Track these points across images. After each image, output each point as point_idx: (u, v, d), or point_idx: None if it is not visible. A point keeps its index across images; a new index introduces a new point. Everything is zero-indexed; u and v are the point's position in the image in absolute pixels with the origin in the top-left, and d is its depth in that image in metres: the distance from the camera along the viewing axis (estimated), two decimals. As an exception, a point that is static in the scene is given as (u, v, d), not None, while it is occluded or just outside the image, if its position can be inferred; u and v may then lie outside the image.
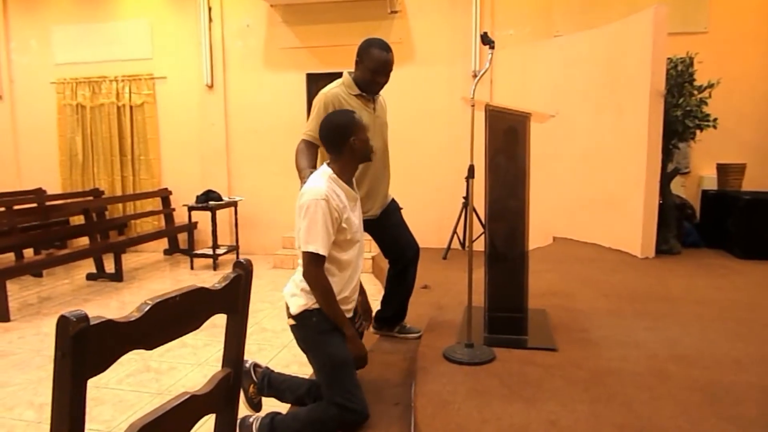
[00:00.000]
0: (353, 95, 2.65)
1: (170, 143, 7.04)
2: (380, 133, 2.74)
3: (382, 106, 2.82)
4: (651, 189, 4.21)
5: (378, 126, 2.72)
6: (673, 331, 2.62)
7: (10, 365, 3.44)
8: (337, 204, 2.04)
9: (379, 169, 2.75)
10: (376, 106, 2.75)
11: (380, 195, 2.79)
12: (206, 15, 6.65)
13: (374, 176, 2.73)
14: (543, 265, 3.94)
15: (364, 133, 2.13)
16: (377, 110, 2.75)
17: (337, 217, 2.04)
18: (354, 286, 2.23)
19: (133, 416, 2.73)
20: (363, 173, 2.64)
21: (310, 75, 6.42)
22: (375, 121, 2.69)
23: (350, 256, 2.15)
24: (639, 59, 4.21)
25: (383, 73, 2.63)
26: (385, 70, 2.62)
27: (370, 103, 2.71)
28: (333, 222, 2.03)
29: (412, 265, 2.86)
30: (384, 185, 2.82)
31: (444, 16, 6.04)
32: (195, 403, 0.96)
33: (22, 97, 7.41)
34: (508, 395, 1.93)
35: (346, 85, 2.66)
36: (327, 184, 2.06)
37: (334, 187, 2.08)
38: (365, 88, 2.66)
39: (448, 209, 5.82)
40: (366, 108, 2.67)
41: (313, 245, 2.00)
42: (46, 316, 4.47)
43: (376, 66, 2.60)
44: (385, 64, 2.61)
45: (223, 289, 1.00)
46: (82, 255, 5.50)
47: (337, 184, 2.11)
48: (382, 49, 2.60)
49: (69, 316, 0.69)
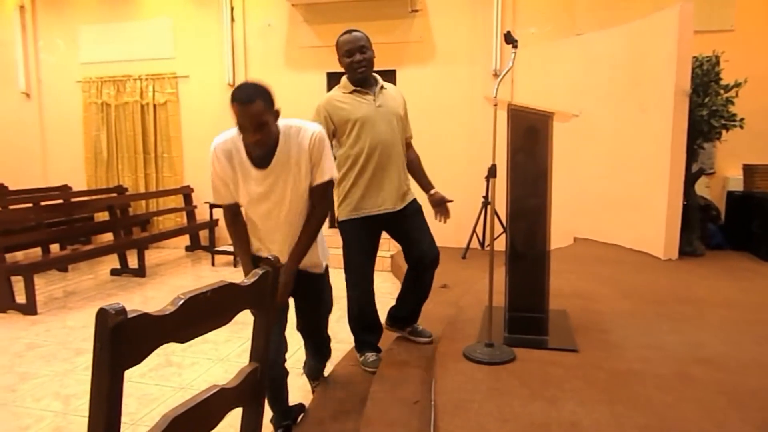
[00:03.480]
0: (347, 93, 2.62)
1: (192, 141, 7.14)
2: (384, 123, 2.61)
3: (389, 96, 2.69)
4: (675, 190, 4.15)
5: (381, 115, 2.60)
6: (697, 333, 2.58)
7: (37, 357, 3.53)
8: (220, 161, 1.99)
9: (385, 160, 2.61)
10: (378, 96, 2.64)
11: (390, 188, 2.63)
12: (228, 14, 6.73)
13: (379, 167, 2.61)
14: (564, 265, 3.91)
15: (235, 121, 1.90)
16: (380, 100, 2.64)
17: (221, 173, 2.01)
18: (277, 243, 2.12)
19: (157, 409, 2.79)
20: (365, 163, 2.59)
21: (330, 74, 6.46)
22: (377, 111, 2.60)
23: (256, 214, 2.09)
24: (664, 58, 4.16)
25: (355, 51, 2.55)
26: (353, 47, 2.55)
27: (368, 95, 2.62)
28: (219, 177, 2.02)
29: (429, 271, 2.74)
30: (393, 178, 2.64)
31: (465, 15, 6.03)
32: (224, 396, 0.98)
33: (49, 96, 7.57)
34: (528, 395, 1.93)
35: (342, 86, 2.66)
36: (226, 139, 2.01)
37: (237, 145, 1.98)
38: (354, 80, 2.61)
39: (467, 208, 5.81)
40: (363, 101, 2.60)
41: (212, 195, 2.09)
42: (71, 310, 4.57)
43: (344, 48, 2.57)
44: (351, 41, 2.56)
45: (251, 285, 1.02)
46: (107, 251, 5.62)
47: (241, 146, 2.00)
48: (345, 33, 2.60)
49: (108, 308, 0.71)
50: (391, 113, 2.64)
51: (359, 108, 2.59)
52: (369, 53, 2.59)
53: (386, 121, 2.62)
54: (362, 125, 2.57)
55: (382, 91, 2.67)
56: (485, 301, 2.38)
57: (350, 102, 2.60)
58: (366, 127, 2.58)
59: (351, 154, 2.61)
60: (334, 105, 2.62)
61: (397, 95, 2.75)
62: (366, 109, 2.59)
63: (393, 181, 2.64)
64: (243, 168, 2.01)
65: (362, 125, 2.57)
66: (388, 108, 2.64)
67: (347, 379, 2.77)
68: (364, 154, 2.59)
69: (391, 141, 2.63)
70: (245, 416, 1.11)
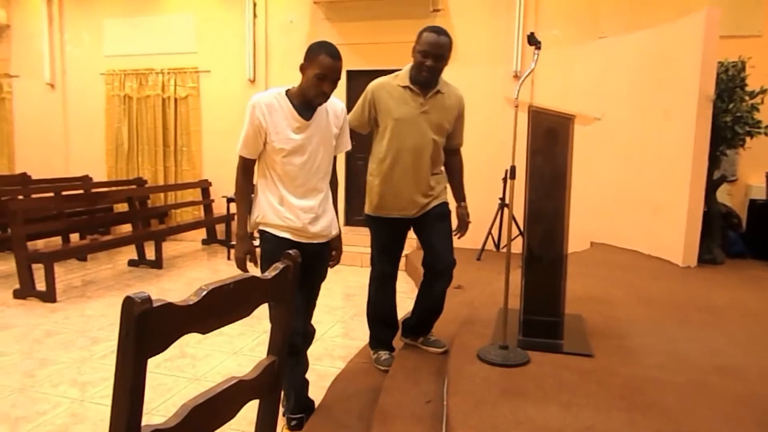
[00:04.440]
0: (400, 86, 2.53)
1: (212, 135, 7.20)
2: (422, 130, 2.52)
3: (441, 104, 2.55)
4: (695, 196, 4.09)
5: (421, 121, 2.51)
6: (716, 342, 2.55)
7: (56, 344, 3.59)
8: (263, 111, 2.14)
9: (410, 167, 2.54)
10: (429, 101, 2.52)
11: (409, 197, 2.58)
12: (251, 11, 6.78)
13: (403, 173, 2.55)
14: (580, 269, 3.88)
15: (313, 72, 2.12)
16: (429, 106, 2.52)
17: (258, 123, 2.14)
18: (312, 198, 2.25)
19: (171, 399, 2.82)
20: (392, 164, 2.55)
21: (350, 72, 6.46)
22: (419, 117, 2.51)
23: (293, 166, 2.20)
24: (688, 62, 4.10)
25: (430, 55, 2.42)
26: (432, 50, 2.41)
27: (419, 97, 2.51)
28: (255, 127, 2.15)
29: (440, 279, 2.64)
30: (414, 186, 2.57)
31: (486, 16, 6.01)
32: (242, 388, 1.00)
33: (73, 88, 7.70)
34: (542, 399, 1.92)
35: (400, 76, 2.56)
36: (268, 94, 2.19)
37: (278, 101, 2.17)
38: (416, 78, 2.51)
39: (482, 210, 5.76)
40: (411, 101, 2.51)
41: (238, 145, 2.22)
42: (90, 299, 4.64)
43: (423, 47, 2.44)
44: (433, 44, 2.42)
45: (272, 278, 1.03)
46: (125, 241, 5.70)
47: (284, 101, 2.18)
48: (433, 31, 2.45)
49: (134, 297, 0.72)
50: (433, 122, 2.54)
51: (402, 107, 2.52)
52: (442, 64, 2.48)
53: (424, 128, 2.53)
54: (398, 126, 2.52)
55: (436, 96, 2.55)
56: (500, 302, 2.37)
57: (398, 97, 2.52)
58: (401, 130, 2.52)
59: (381, 151, 2.58)
60: (382, 94, 2.55)
61: (452, 103, 2.60)
62: (407, 110, 2.51)
63: (413, 189, 2.58)
64: (287, 118, 2.18)
65: (398, 126, 2.52)
66: (432, 116, 2.54)
67: (359, 377, 2.77)
68: (392, 156, 2.55)
69: (422, 149, 2.54)
70: (262, 408, 1.12)
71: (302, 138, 2.19)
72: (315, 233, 2.29)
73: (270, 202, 2.24)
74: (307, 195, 2.25)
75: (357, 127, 2.65)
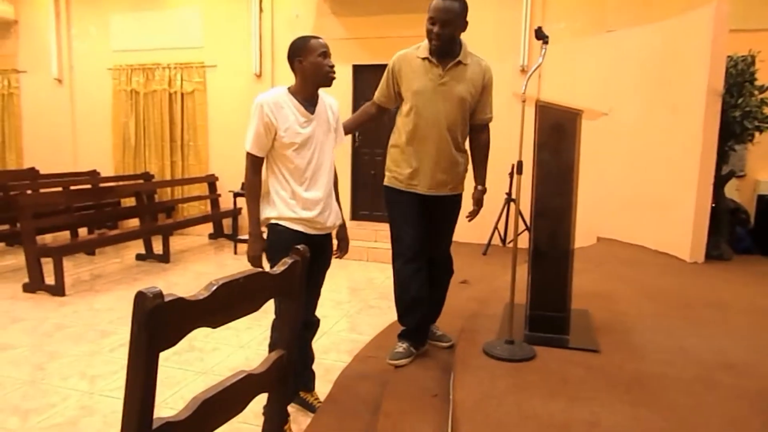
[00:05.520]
0: (420, 58, 2.46)
1: (218, 130, 7.22)
2: (441, 102, 2.42)
3: (463, 74, 2.44)
4: (703, 191, 4.07)
5: (441, 93, 2.42)
6: (722, 338, 2.54)
7: (65, 337, 3.63)
8: (271, 109, 2.19)
9: (429, 140, 2.45)
10: (449, 72, 2.42)
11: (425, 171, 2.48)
12: (257, 5, 6.78)
13: (421, 145, 2.47)
14: (586, 264, 3.87)
15: (314, 56, 2.21)
16: (449, 77, 2.42)
17: (267, 121, 2.19)
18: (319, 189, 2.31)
19: (180, 392, 2.85)
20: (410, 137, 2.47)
21: (356, 66, 6.47)
22: (437, 88, 2.42)
23: (303, 160, 2.26)
24: (697, 57, 4.07)
25: (436, 21, 2.35)
26: (435, 15, 2.35)
27: (437, 68, 2.42)
28: (265, 125, 2.20)
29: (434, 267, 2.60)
30: (432, 162, 2.47)
31: (493, 9, 5.97)
32: (251, 382, 1.01)
33: (81, 83, 7.73)
34: (548, 393, 1.93)
35: (421, 48, 2.49)
36: (273, 93, 2.25)
37: (283, 99, 2.24)
38: (432, 48, 2.42)
39: (489, 204, 5.72)
40: (429, 73, 2.43)
41: (247, 144, 2.25)
42: (98, 292, 4.68)
43: (430, 13, 2.37)
44: (435, 9, 2.35)
45: (281, 273, 1.04)
46: (133, 236, 5.74)
47: (288, 98, 2.25)
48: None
49: (146, 292, 0.73)
50: (454, 93, 2.42)
51: (420, 79, 2.44)
52: (449, 29, 2.35)
53: (444, 101, 2.42)
54: (417, 98, 2.44)
55: (457, 67, 2.43)
56: (506, 297, 2.37)
57: (417, 69, 2.45)
58: (419, 102, 2.44)
59: (401, 122, 2.53)
60: (403, 65, 2.50)
61: (475, 74, 2.47)
62: (425, 82, 2.43)
63: (431, 164, 2.47)
64: (294, 113, 2.25)
65: (417, 98, 2.44)
66: (452, 87, 2.42)
67: (366, 371, 2.79)
68: (411, 128, 2.47)
69: (441, 122, 2.43)
70: (270, 402, 1.14)
71: (309, 131, 2.26)
72: (325, 224, 2.35)
73: (282, 197, 2.28)
74: (316, 187, 2.30)
75: (384, 102, 2.61)
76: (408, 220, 2.54)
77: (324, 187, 2.33)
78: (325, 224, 2.36)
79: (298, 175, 2.27)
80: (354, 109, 6.58)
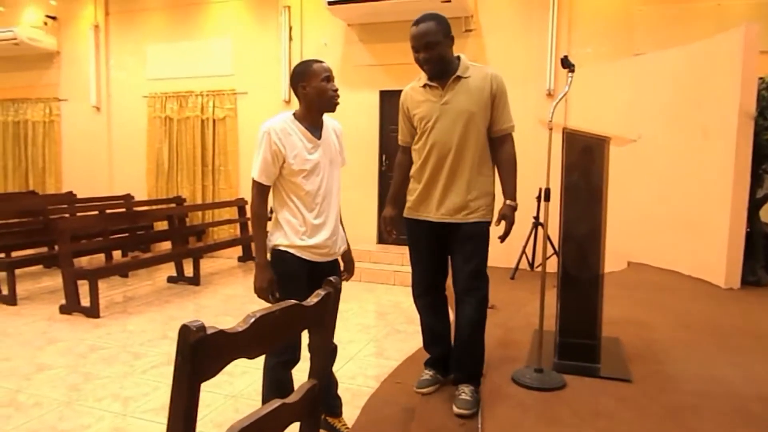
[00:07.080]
0: (420, 87, 2.48)
1: (248, 155, 7.32)
2: (448, 122, 2.36)
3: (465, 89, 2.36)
4: (737, 215, 3.99)
5: (444, 114, 2.36)
6: (760, 368, 2.47)
7: (99, 359, 3.71)
8: (279, 137, 2.19)
9: (440, 164, 2.38)
10: (449, 91, 2.37)
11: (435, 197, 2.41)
12: (287, 34, 6.96)
13: (434, 171, 2.40)
14: (617, 290, 3.81)
15: (317, 81, 2.21)
16: (449, 96, 2.36)
17: (276, 149, 2.19)
18: (329, 215, 2.32)
19: (209, 415, 2.88)
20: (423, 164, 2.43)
21: (383, 92, 6.56)
22: (440, 109, 2.37)
23: (313, 186, 2.26)
24: (727, 79, 4.03)
25: (419, 49, 2.33)
26: (417, 44, 2.33)
27: (437, 90, 2.38)
28: (273, 153, 2.19)
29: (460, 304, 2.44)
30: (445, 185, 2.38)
31: (519, 35, 6.02)
32: (285, 411, 1.03)
33: (118, 110, 8.03)
34: (579, 425, 1.90)
35: (420, 78, 2.50)
36: (279, 120, 2.24)
37: (289, 125, 2.24)
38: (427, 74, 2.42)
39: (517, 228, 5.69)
40: (431, 97, 2.40)
41: (254, 172, 2.24)
42: (131, 314, 4.78)
43: (411, 44, 2.36)
44: (415, 37, 2.33)
45: (314, 305, 1.07)
46: (165, 259, 5.87)
47: (294, 125, 2.26)
48: (412, 25, 2.36)
49: (190, 326, 0.77)
50: (458, 111, 2.34)
51: (422, 105, 2.44)
52: (435, 50, 2.30)
53: (450, 119, 2.35)
54: (424, 124, 2.41)
55: (457, 82, 2.37)
56: (535, 324, 2.36)
57: (420, 97, 2.46)
58: (427, 127, 2.40)
59: (415, 153, 2.51)
60: (408, 99, 2.52)
61: (480, 84, 2.37)
62: (429, 106, 2.40)
63: (442, 187, 2.39)
64: (302, 140, 2.25)
65: (424, 124, 2.41)
66: (456, 103, 2.35)
67: (393, 397, 2.78)
68: (424, 154, 2.43)
69: (452, 141, 2.35)
70: (302, 430, 1.16)
71: (317, 156, 2.28)
72: (333, 249, 2.36)
73: (293, 225, 2.27)
74: (326, 212, 2.32)
75: (409, 141, 2.56)
76: (417, 254, 2.56)
77: (333, 212, 2.34)
78: (333, 250, 2.36)
79: (309, 201, 2.26)
80: (381, 132, 6.68)
